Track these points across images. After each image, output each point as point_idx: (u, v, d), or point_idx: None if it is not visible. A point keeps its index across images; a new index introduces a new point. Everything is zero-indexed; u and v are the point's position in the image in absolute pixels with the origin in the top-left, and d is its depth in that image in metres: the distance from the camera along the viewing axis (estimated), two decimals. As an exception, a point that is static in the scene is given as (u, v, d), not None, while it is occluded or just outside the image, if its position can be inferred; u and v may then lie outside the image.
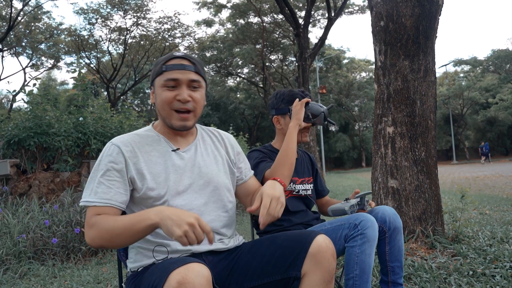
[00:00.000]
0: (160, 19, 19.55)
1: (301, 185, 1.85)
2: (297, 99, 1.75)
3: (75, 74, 5.54)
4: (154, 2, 39.59)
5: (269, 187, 1.24)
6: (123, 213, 1.22)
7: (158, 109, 1.28)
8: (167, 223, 0.99)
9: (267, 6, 20.40)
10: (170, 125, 1.27)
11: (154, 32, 20.01)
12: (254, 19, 21.82)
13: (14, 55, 21.37)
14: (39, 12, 19.26)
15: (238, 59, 24.24)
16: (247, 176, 1.47)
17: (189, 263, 0.95)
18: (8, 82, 12.31)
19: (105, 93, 23.72)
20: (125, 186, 1.19)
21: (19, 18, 17.63)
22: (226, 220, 1.32)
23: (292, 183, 1.82)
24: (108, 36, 20.11)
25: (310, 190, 1.89)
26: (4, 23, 18.06)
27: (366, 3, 18.83)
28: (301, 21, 11.78)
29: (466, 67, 37.21)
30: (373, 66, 3.45)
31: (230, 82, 31.80)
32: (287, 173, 1.58)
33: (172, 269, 0.93)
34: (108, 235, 1.08)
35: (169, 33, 20.18)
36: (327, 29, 11.89)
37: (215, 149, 1.39)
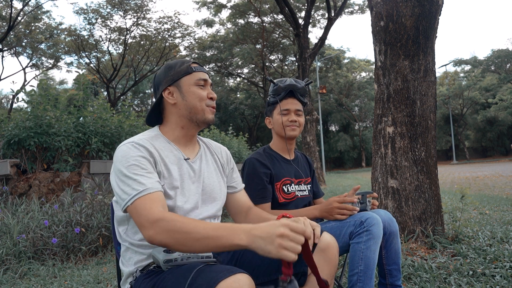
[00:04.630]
0: (160, 19, 19.52)
1: (297, 185, 1.85)
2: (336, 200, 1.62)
3: (76, 76, 5.55)
4: (154, 2, 39.55)
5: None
6: None
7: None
8: (259, 244, 0.90)
9: (267, 6, 20.41)
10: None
11: (154, 32, 19.98)
12: (254, 19, 21.84)
13: (14, 55, 21.36)
14: (39, 12, 19.25)
15: (238, 59, 24.25)
16: (239, 187, 1.45)
17: (236, 273, 0.91)
18: (13, 82, 12.28)
19: (105, 93, 23.70)
20: (158, 176, 1.15)
21: (19, 18, 17.62)
22: None
23: (287, 185, 1.81)
24: (108, 36, 20.09)
25: (307, 191, 1.89)
26: (4, 23, 18.06)
27: (366, 3, 18.82)
28: (301, 21, 11.78)
29: (467, 67, 37.21)
30: (373, 66, 3.45)
31: (230, 82, 31.83)
32: None
33: (219, 278, 0.89)
34: (183, 237, 0.97)
35: (169, 33, 20.17)
36: (327, 29, 11.89)
37: (213, 160, 1.39)
